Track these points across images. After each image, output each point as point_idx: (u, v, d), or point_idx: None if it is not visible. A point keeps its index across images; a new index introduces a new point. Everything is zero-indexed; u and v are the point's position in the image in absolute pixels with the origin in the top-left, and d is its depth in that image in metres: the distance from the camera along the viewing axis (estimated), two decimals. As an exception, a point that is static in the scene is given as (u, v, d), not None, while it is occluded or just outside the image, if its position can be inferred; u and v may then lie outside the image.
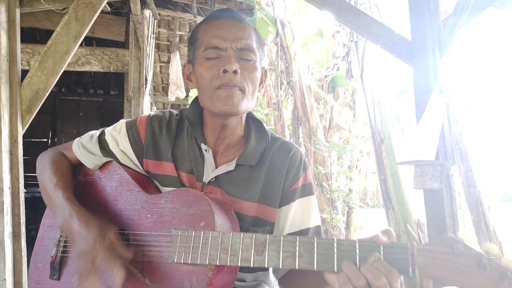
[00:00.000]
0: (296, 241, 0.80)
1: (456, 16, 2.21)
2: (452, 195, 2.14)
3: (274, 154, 1.08)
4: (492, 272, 0.67)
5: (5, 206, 1.80)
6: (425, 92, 2.20)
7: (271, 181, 1.05)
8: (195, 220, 0.90)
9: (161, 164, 1.08)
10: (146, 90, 4.50)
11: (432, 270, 0.71)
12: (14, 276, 1.84)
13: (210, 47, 0.99)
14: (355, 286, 0.73)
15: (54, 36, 1.98)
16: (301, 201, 1.07)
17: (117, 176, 1.09)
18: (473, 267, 0.69)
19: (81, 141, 1.15)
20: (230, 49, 0.98)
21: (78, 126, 8.84)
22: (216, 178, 1.05)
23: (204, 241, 0.86)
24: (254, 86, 1.01)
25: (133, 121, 1.13)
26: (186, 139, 1.09)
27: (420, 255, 0.72)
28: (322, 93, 8.26)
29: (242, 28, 1.01)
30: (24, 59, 3.85)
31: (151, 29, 4.80)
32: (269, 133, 1.13)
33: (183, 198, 0.94)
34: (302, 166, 1.10)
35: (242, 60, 0.99)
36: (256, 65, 1.01)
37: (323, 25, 9.47)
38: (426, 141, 2.09)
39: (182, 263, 0.87)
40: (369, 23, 2.40)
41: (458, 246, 0.70)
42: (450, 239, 0.71)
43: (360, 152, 10.95)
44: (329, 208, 6.48)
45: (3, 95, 1.83)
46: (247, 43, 0.99)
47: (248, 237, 0.83)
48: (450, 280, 0.70)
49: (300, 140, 7.59)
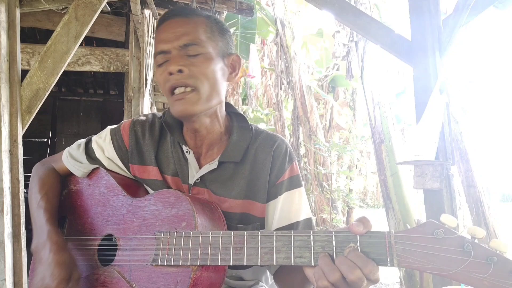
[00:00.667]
0: (274, 235, 0.78)
1: (456, 16, 2.21)
2: (452, 195, 2.14)
3: (258, 147, 1.05)
4: (477, 257, 0.61)
5: (5, 206, 1.79)
6: (425, 92, 2.20)
7: (256, 176, 1.03)
8: (177, 221, 0.90)
9: (146, 169, 1.08)
10: (146, 90, 4.50)
11: (411, 258, 0.66)
12: (14, 276, 1.84)
13: (157, 53, 0.98)
14: (330, 280, 0.69)
15: (54, 36, 1.98)
16: (289, 194, 1.04)
17: (104, 182, 1.10)
18: (456, 253, 0.63)
19: (69, 150, 1.16)
20: (173, 50, 0.96)
21: (78, 126, 8.84)
22: (201, 178, 1.03)
23: (185, 241, 0.86)
24: (210, 80, 0.97)
25: (117, 127, 1.13)
26: (169, 142, 1.08)
27: (398, 243, 0.67)
28: (322, 93, 8.26)
29: (186, 23, 0.97)
30: (24, 59, 3.85)
31: (151, 29, 4.80)
32: (253, 126, 1.10)
33: (165, 200, 0.94)
34: (288, 157, 1.06)
35: (190, 56, 0.96)
36: (208, 57, 0.97)
37: (323, 25, 9.47)
38: (426, 141, 2.09)
39: (165, 265, 0.87)
40: (369, 23, 2.40)
41: (438, 231, 0.65)
42: (430, 224, 0.66)
43: (360, 152, 10.94)
44: (329, 208, 6.47)
45: (3, 95, 1.83)
46: (191, 38, 0.96)
47: (227, 234, 0.83)
48: (432, 268, 0.64)
49: (300, 140, 7.59)
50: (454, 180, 2.19)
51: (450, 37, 2.24)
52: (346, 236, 0.72)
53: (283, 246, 0.77)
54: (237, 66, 1.05)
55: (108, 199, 1.07)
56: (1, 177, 1.80)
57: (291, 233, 0.77)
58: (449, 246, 0.64)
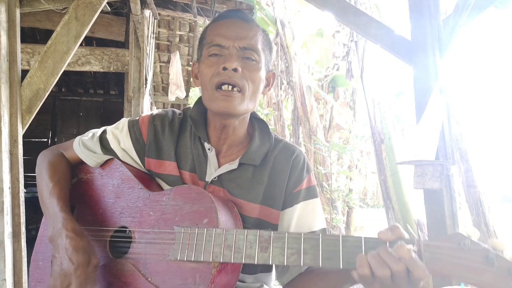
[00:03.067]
0: (301, 237, 0.79)
1: (456, 16, 2.21)
2: (452, 195, 2.14)
3: (277, 155, 1.07)
4: (500, 268, 0.66)
5: (5, 206, 1.79)
6: (425, 92, 2.20)
7: (274, 183, 1.04)
8: (198, 217, 0.89)
9: (163, 163, 1.07)
10: (146, 90, 4.50)
11: (438, 266, 0.70)
12: (14, 276, 1.84)
13: (213, 45, 1.00)
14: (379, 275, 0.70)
15: (54, 36, 1.98)
16: (306, 203, 1.05)
17: (119, 173, 1.09)
18: (481, 263, 0.68)
19: (82, 139, 1.15)
20: (232, 48, 0.99)
21: (78, 126, 8.83)
22: (218, 177, 1.04)
23: (208, 238, 0.86)
24: (255, 86, 1.01)
25: (136, 120, 1.13)
26: (189, 138, 1.09)
27: (427, 250, 0.71)
28: (322, 93, 8.26)
29: (247, 28, 1.02)
30: (24, 59, 3.85)
31: (151, 29, 4.80)
32: (273, 134, 1.13)
33: (186, 195, 0.94)
34: (306, 168, 1.08)
35: (244, 59, 0.99)
36: (259, 66, 1.01)
37: (323, 25, 9.48)
38: (426, 141, 2.09)
39: (185, 260, 0.87)
40: (369, 23, 2.40)
41: (465, 242, 0.69)
42: (457, 235, 0.71)
43: (360, 152, 10.95)
44: (329, 208, 6.48)
45: (3, 95, 1.83)
46: (250, 43, 1.00)
47: (252, 233, 0.83)
48: (457, 276, 0.69)
49: (300, 140, 7.59)
50: (454, 180, 2.19)
51: (450, 37, 2.24)
52: (376, 242, 0.74)
53: (310, 248, 0.78)
54: (271, 81, 1.11)
55: (123, 191, 1.05)
56: (1, 177, 1.80)
57: (319, 236, 0.78)
58: (474, 256, 0.69)
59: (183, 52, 6.20)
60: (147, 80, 4.54)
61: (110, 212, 1.05)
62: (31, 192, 5.71)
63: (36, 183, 1.14)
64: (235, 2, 4.16)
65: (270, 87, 1.11)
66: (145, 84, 4.41)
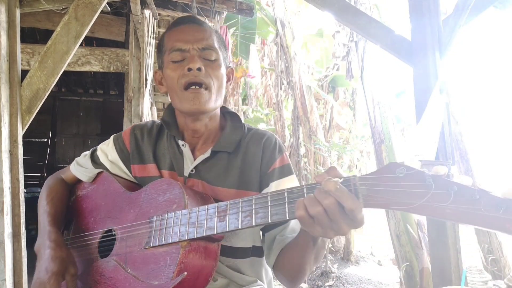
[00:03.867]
0: (253, 199, 0.83)
1: (456, 16, 2.21)
2: (452, 195, 2.14)
3: (249, 141, 1.14)
4: (438, 189, 0.64)
5: (5, 206, 1.80)
6: (425, 92, 2.20)
7: (248, 166, 1.10)
8: (169, 205, 0.95)
9: (145, 167, 1.16)
10: (146, 90, 4.50)
11: (377, 198, 0.70)
12: (14, 276, 1.84)
13: (174, 50, 1.08)
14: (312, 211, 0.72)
15: (54, 36, 1.98)
16: (280, 182, 1.09)
17: (107, 182, 1.19)
18: (419, 187, 0.66)
19: (76, 160, 1.29)
20: (192, 50, 1.07)
21: (78, 126, 8.84)
22: (196, 169, 1.10)
23: (175, 220, 0.91)
24: (219, 82, 1.09)
25: (119, 134, 1.25)
26: (166, 141, 1.18)
27: (363, 184, 0.71)
28: (322, 93, 8.26)
29: (202, 30, 1.11)
30: (24, 59, 3.85)
31: (151, 29, 4.80)
32: (246, 124, 1.19)
33: (159, 187, 1.01)
34: (278, 148, 1.13)
35: (205, 60, 1.07)
36: (219, 63, 1.10)
37: (323, 25, 9.47)
38: (426, 141, 2.09)
39: (157, 245, 0.92)
40: (369, 23, 2.40)
41: (400, 169, 0.68)
42: (391, 164, 0.70)
43: (360, 152, 10.94)
44: (329, 208, 6.47)
45: (3, 95, 1.83)
46: (208, 43, 1.08)
47: (212, 207, 0.88)
48: (398, 204, 0.68)
49: (300, 140, 7.59)
50: (454, 180, 2.18)
51: (450, 37, 2.24)
52: (316, 186, 0.75)
53: (261, 207, 0.81)
54: (231, 76, 1.21)
55: (109, 197, 1.14)
56: (1, 177, 1.80)
57: (267, 194, 0.81)
58: (411, 182, 0.67)
59: (183, 52, 6.19)
60: (147, 80, 4.54)
61: (99, 218, 1.14)
62: (31, 192, 5.72)
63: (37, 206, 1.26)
64: (235, 2, 4.15)
65: (231, 81, 1.20)
66: (145, 84, 4.41)
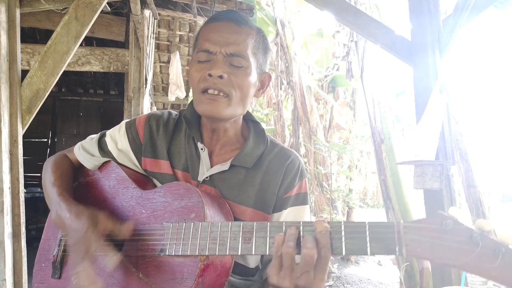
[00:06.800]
0: (283, 226, 0.79)
1: (456, 16, 2.21)
2: (452, 195, 2.14)
3: (272, 159, 1.07)
4: (485, 248, 0.62)
5: (5, 206, 1.80)
6: (425, 92, 2.20)
7: (267, 187, 1.04)
8: (186, 212, 0.91)
9: (158, 162, 1.09)
10: (146, 90, 4.50)
11: (420, 248, 0.66)
12: (14, 276, 1.84)
13: (201, 50, 1.00)
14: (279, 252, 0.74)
15: (54, 36, 1.98)
16: (293, 209, 1.05)
17: (115, 174, 1.11)
18: (465, 244, 0.63)
19: (82, 143, 1.18)
20: (219, 54, 0.98)
21: (78, 126, 8.83)
22: (210, 177, 1.05)
23: (194, 232, 0.86)
24: (243, 92, 1.00)
25: (133, 121, 1.15)
26: (183, 138, 1.10)
27: (408, 232, 0.68)
28: (322, 93, 8.26)
29: (237, 32, 1.00)
30: (24, 59, 3.85)
31: (151, 29, 4.80)
32: (269, 137, 1.12)
33: (175, 192, 0.95)
34: (299, 174, 1.07)
35: (232, 66, 0.99)
36: (248, 71, 1.00)
37: (323, 25, 9.47)
38: (426, 141, 2.09)
39: (173, 255, 0.88)
40: (369, 23, 2.40)
41: (447, 222, 0.65)
42: (439, 216, 0.67)
43: (360, 152, 10.94)
44: (329, 208, 6.47)
45: (3, 95, 1.83)
46: (239, 49, 0.98)
47: (236, 225, 0.83)
48: (440, 258, 0.65)
49: (300, 140, 7.59)
50: (454, 180, 2.19)
51: (450, 37, 2.24)
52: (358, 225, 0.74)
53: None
54: (266, 83, 1.10)
55: (118, 192, 1.08)
56: (1, 177, 1.80)
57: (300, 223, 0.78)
58: (457, 237, 0.64)
59: (183, 52, 6.20)
60: (147, 80, 4.54)
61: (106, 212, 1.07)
62: (31, 192, 5.71)
63: (42, 184, 1.17)
64: (235, 2, 4.15)
65: (264, 89, 1.10)
66: (145, 84, 4.41)
